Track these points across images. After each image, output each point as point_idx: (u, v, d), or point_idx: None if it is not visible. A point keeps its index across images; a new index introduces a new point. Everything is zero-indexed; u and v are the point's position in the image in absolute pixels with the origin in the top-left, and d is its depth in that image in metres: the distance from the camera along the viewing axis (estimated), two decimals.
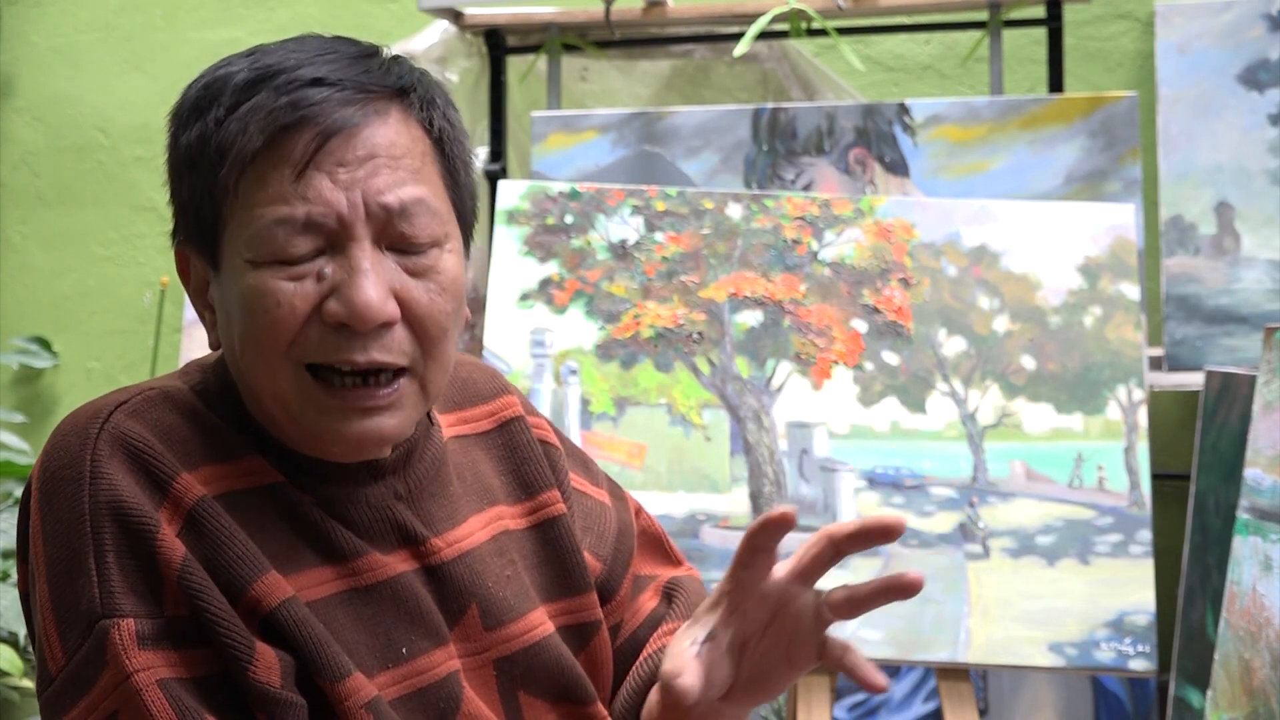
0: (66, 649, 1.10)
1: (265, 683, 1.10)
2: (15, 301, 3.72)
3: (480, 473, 1.33)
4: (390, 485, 1.23)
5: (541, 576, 1.32)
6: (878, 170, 2.86)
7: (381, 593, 1.19)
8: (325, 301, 1.12)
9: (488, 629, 1.25)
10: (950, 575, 2.20)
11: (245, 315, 1.13)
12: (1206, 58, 2.86)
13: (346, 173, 1.12)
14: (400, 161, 1.14)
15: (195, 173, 1.15)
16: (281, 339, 1.12)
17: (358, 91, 1.14)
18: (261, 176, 1.12)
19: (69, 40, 3.71)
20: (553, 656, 1.29)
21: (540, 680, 1.28)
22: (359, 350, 1.13)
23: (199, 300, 1.21)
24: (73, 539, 1.10)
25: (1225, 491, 2.34)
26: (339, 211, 1.12)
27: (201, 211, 1.15)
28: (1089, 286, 2.33)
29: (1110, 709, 2.75)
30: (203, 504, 1.12)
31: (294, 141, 1.11)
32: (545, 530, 1.34)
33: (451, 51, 3.22)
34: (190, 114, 1.16)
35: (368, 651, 1.17)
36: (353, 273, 1.12)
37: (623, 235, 2.39)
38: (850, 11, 2.96)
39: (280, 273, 1.12)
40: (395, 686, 1.18)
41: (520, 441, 1.37)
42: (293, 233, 1.12)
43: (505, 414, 1.38)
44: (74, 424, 1.15)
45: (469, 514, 1.29)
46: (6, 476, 3.03)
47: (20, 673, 2.64)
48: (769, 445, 2.29)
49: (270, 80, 1.13)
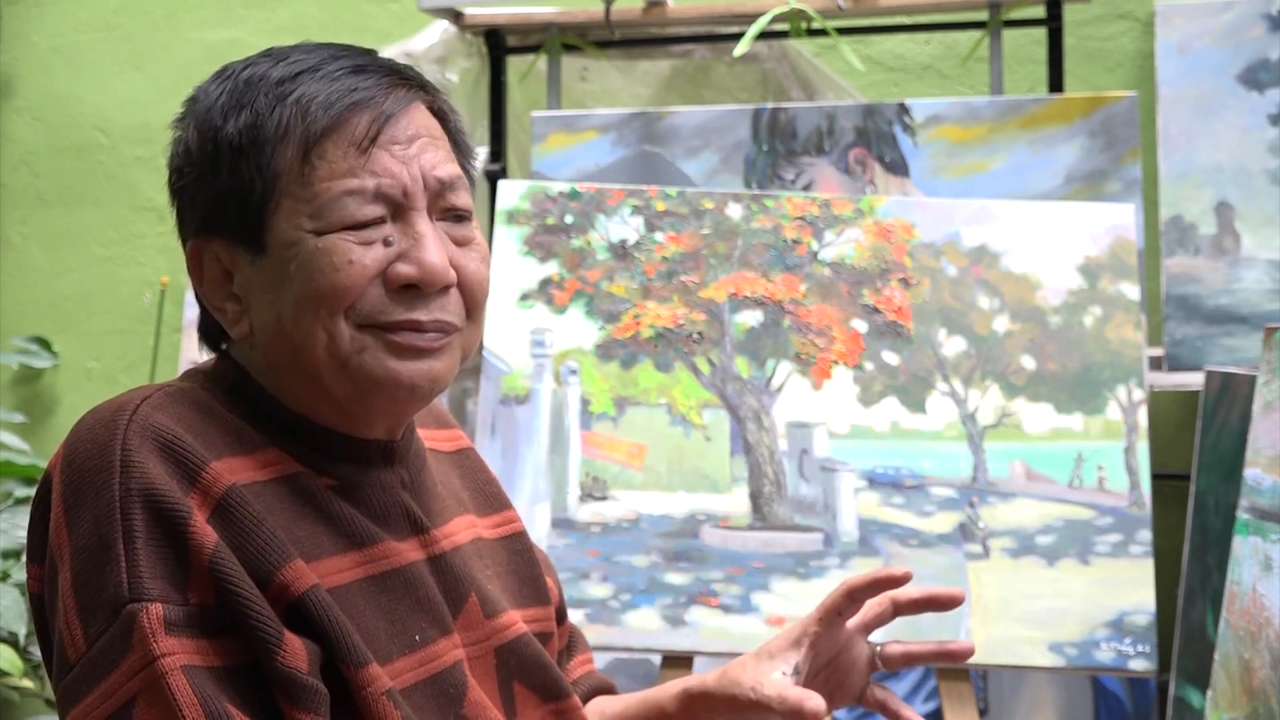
0: (89, 636, 1.10)
1: (293, 668, 1.11)
2: (15, 301, 3.72)
3: (451, 484, 1.39)
4: (398, 473, 1.28)
5: (512, 583, 1.39)
6: (878, 170, 2.86)
7: (396, 580, 1.23)
8: (392, 265, 1.20)
9: (487, 617, 1.30)
10: (950, 575, 2.20)
11: (308, 277, 1.19)
12: (1206, 58, 2.86)
13: (401, 150, 1.22)
14: (438, 143, 1.25)
15: (243, 158, 1.20)
16: (347, 295, 1.19)
17: (396, 81, 1.24)
18: (324, 154, 1.20)
19: (69, 40, 3.71)
20: (536, 651, 1.34)
21: (531, 673, 1.33)
22: (422, 310, 1.21)
23: (218, 293, 1.24)
24: (102, 527, 1.11)
25: (1225, 491, 2.34)
26: (404, 183, 1.21)
27: (247, 195, 1.20)
28: (1089, 286, 2.33)
29: (1110, 709, 2.75)
30: (232, 492, 1.14)
31: (355, 121, 1.20)
32: (512, 542, 1.43)
33: (451, 51, 3.22)
34: (232, 106, 1.21)
35: (387, 638, 1.20)
36: (420, 238, 1.21)
37: (623, 235, 2.39)
38: (850, 11, 2.96)
39: (349, 236, 1.19)
40: (411, 673, 1.20)
41: (478, 467, 1.47)
42: (363, 202, 1.20)
43: (462, 442, 1.48)
44: (99, 418, 1.16)
45: (452, 514, 1.35)
46: (6, 476, 3.03)
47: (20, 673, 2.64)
48: (769, 445, 2.29)
49: (314, 72, 1.22)
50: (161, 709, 1.07)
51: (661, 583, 2.22)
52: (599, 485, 2.27)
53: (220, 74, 1.25)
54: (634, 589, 2.21)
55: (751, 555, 2.24)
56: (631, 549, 2.23)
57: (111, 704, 1.08)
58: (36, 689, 2.85)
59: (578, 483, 2.27)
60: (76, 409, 3.59)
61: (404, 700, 1.17)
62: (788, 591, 2.21)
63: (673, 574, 2.23)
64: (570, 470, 2.28)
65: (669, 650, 2.20)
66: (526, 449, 2.30)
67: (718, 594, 2.21)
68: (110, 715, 1.08)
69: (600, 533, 2.25)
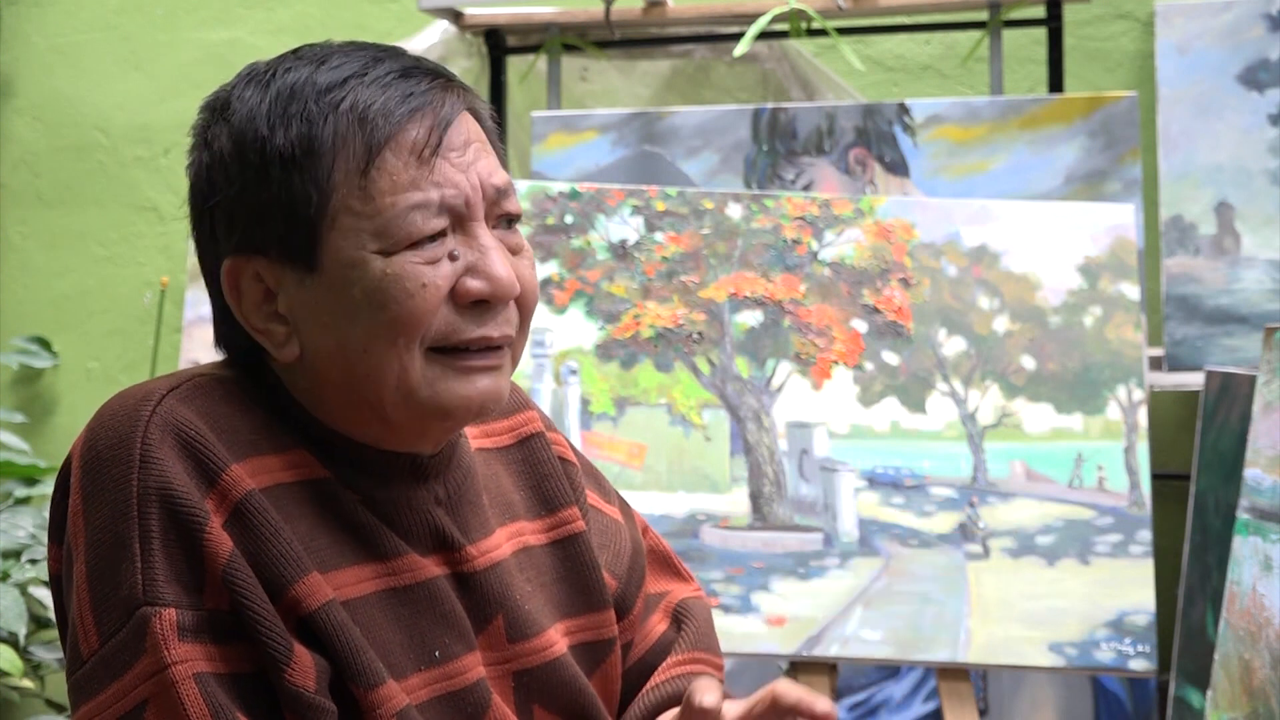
0: (102, 632, 1.09)
1: (300, 686, 1.10)
2: (15, 301, 3.72)
3: (502, 487, 1.33)
4: (431, 489, 1.23)
5: (560, 593, 1.33)
6: (878, 170, 2.86)
7: (418, 594, 1.20)
8: (460, 280, 1.16)
9: (511, 641, 1.25)
10: (950, 575, 2.20)
11: (380, 305, 1.14)
12: (1206, 58, 2.85)
13: (459, 157, 1.17)
14: (488, 147, 1.21)
15: (295, 171, 1.14)
16: (423, 322, 1.14)
17: (445, 84, 1.19)
18: (384, 166, 1.15)
19: (69, 40, 3.71)
20: (569, 675, 1.29)
21: (557, 698, 1.28)
22: (492, 325, 1.18)
23: (259, 314, 1.18)
24: (117, 521, 1.09)
25: (1225, 491, 2.33)
26: (465, 193, 1.17)
27: (299, 210, 1.15)
28: (1089, 286, 2.33)
29: (1110, 709, 2.75)
30: (250, 498, 1.12)
31: (414, 131, 1.15)
32: (565, 546, 1.34)
33: (451, 51, 3.22)
34: (279, 116, 1.15)
35: (403, 652, 1.17)
36: (485, 251, 1.17)
37: (623, 235, 2.39)
38: (850, 11, 2.96)
39: (415, 256, 1.15)
40: (427, 689, 1.18)
41: (541, 458, 1.38)
42: (428, 215, 1.15)
43: (526, 429, 1.39)
44: (123, 405, 1.14)
45: (496, 526, 1.29)
46: (6, 476, 3.03)
47: (20, 673, 2.64)
48: (769, 445, 2.29)
49: (361, 77, 1.16)
50: (172, 716, 1.06)
51: None
52: None
53: (250, 78, 1.19)
54: None
55: (751, 555, 2.24)
56: None
57: (122, 706, 1.08)
58: (36, 689, 2.85)
59: None
60: (76, 409, 3.60)
61: (419, 716, 1.15)
62: (788, 591, 2.21)
63: None
64: None
65: None
66: None
67: (718, 594, 2.21)
68: (120, 718, 1.08)
69: None
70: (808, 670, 2.19)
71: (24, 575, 2.65)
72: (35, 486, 2.95)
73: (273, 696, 1.10)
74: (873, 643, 2.17)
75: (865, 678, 2.83)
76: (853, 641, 2.18)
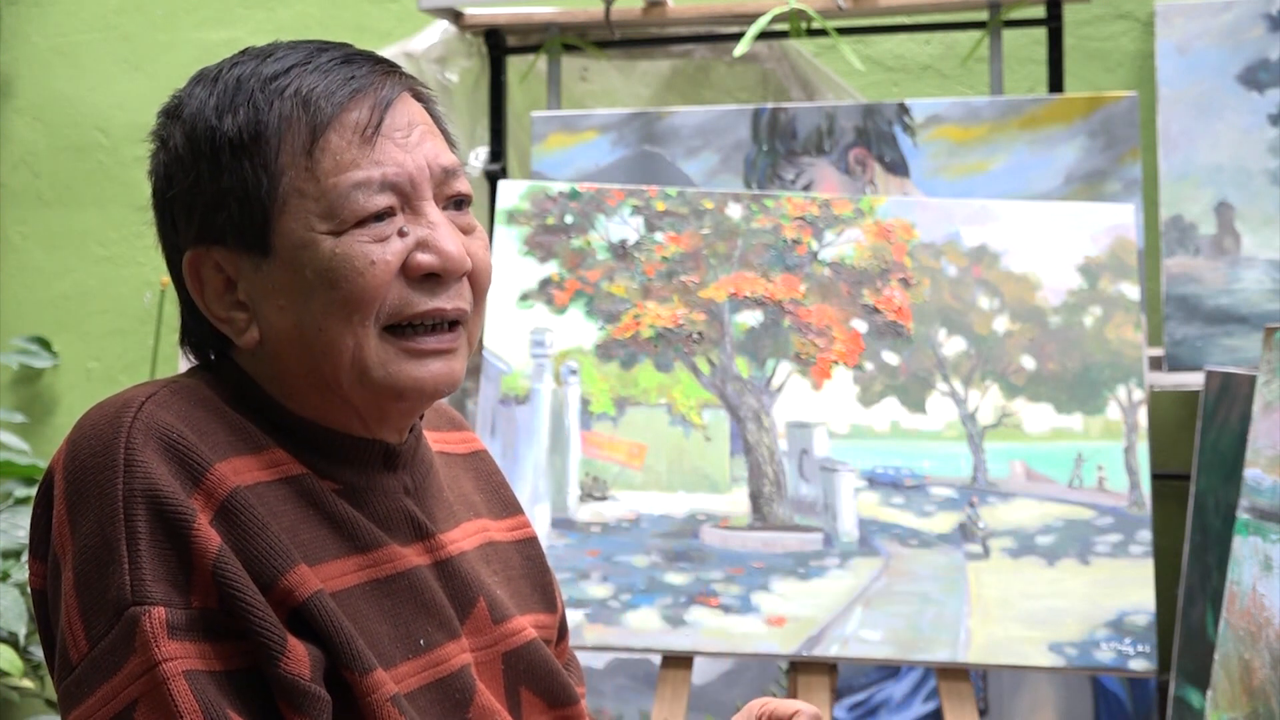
0: (91, 636, 1.09)
1: (296, 675, 1.10)
2: (15, 301, 3.72)
3: (463, 488, 1.38)
4: (401, 479, 1.26)
5: (524, 588, 1.37)
6: (878, 170, 2.86)
7: (400, 584, 1.22)
8: (411, 255, 1.19)
9: (495, 622, 1.28)
10: (950, 575, 2.20)
11: (331, 284, 1.17)
12: (1206, 58, 2.85)
13: (403, 137, 1.20)
14: (433, 130, 1.24)
15: (245, 156, 1.18)
16: (375, 298, 1.17)
17: (385, 69, 1.23)
18: (328, 146, 1.18)
19: (69, 40, 3.71)
20: (544, 656, 1.33)
21: (539, 678, 1.31)
22: (444, 298, 1.20)
23: (221, 303, 1.21)
24: (105, 526, 1.10)
25: (1225, 491, 2.34)
26: (410, 172, 1.20)
27: (250, 195, 1.18)
28: (1089, 286, 2.33)
29: (1110, 709, 2.75)
30: (235, 495, 1.13)
31: (355, 112, 1.19)
32: (525, 547, 1.41)
33: (451, 51, 3.22)
34: (227, 105, 1.19)
35: (390, 641, 1.19)
36: (434, 226, 1.20)
37: (623, 235, 2.39)
38: (850, 11, 2.96)
39: (363, 234, 1.18)
40: (416, 677, 1.20)
41: (491, 469, 1.45)
42: (371, 193, 1.18)
43: (475, 445, 1.45)
44: (103, 414, 1.15)
45: (461, 520, 1.33)
46: (6, 476, 3.03)
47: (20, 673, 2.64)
48: (769, 445, 2.29)
49: (304, 65, 1.20)
50: (163, 714, 1.07)
51: (661, 583, 2.22)
52: (599, 485, 2.27)
53: (200, 78, 1.23)
54: (634, 589, 2.22)
55: (751, 555, 2.24)
56: (631, 549, 2.24)
57: (113, 707, 1.08)
58: (36, 689, 2.85)
59: (578, 483, 2.27)
60: (76, 409, 3.60)
61: (409, 704, 1.16)
62: (788, 591, 2.21)
63: (673, 574, 2.23)
64: (570, 470, 2.28)
65: (669, 650, 2.20)
66: (526, 449, 2.30)
67: (718, 594, 2.21)
68: (111, 718, 1.08)
69: (600, 533, 2.25)
70: (808, 670, 2.19)
71: (24, 575, 2.66)
72: (35, 486, 2.95)
73: (264, 693, 1.11)
74: (873, 643, 2.17)
75: (865, 678, 2.83)
76: (853, 641, 2.18)
